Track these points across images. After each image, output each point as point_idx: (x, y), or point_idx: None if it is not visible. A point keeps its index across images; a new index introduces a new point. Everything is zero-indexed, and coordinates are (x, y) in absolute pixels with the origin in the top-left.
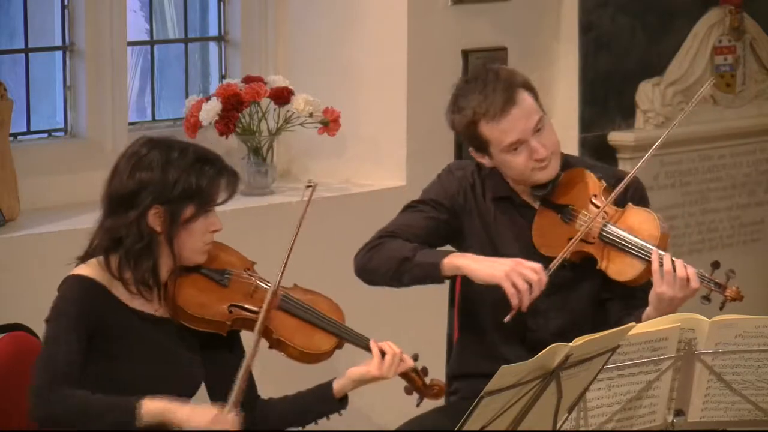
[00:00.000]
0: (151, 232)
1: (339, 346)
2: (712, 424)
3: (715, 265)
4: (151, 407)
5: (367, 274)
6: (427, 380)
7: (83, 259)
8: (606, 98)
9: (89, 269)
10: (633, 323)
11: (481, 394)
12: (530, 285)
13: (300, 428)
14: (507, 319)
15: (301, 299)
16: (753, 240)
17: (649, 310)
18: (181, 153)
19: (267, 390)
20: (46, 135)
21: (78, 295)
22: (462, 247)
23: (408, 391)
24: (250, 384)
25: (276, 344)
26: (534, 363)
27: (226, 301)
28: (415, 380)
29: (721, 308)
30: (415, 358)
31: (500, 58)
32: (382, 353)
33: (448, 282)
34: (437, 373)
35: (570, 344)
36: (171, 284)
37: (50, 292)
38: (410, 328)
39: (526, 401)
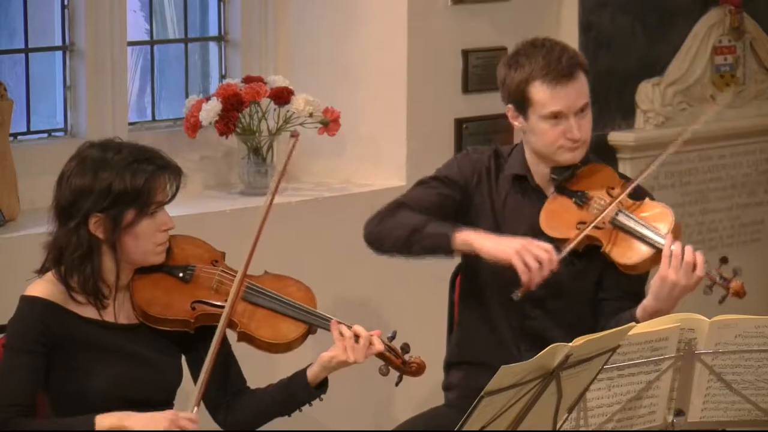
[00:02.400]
0: (92, 239)
1: (311, 332)
2: (712, 424)
3: (724, 260)
4: (105, 423)
5: (377, 241)
6: (407, 357)
7: (40, 272)
8: (606, 98)
9: (41, 287)
10: (633, 323)
11: (481, 394)
12: (540, 264)
13: (285, 416)
14: (517, 296)
15: (267, 287)
16: (753, 240)
17: (647, 300)
18: (116, 153)
19: (254, 379)
20: (46, 135)
21: (30, 317)
22: (468, 225)
23: (383, 372)
24: (237, 373)
25: (242, 337)
26: (534, 363)
27: (189, 297)
28: (390, 359)
29: (720, 302)
30: (393, 336)
31: (500, 58)
32: (355, 336)
33: (448, 280)
34: (437, 362)
35: (570, 344)
36: (132, 287)
37: None
38: (410, 322)
39: (526, 401)
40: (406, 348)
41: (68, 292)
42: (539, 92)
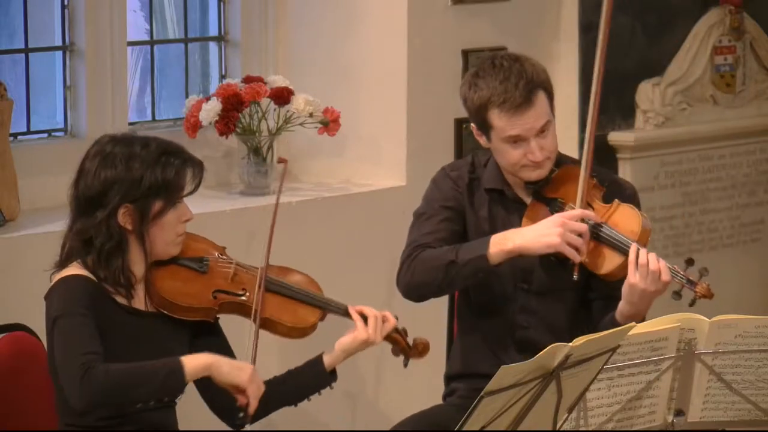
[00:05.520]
0: (121, 231)
1: (322, 317)
2: (712, 424)
3: (689, 261)
4: (194, 364)
5: (416, 290)
6: (410, 340)
7: (61, 264)
8: (606, 98)
9: (75, 270)
10: (633, 323)
11: (481, 394)
12: (581, 234)
13: (293, 406)
14: (576, 276)
15: (279, 277)
16: (753, 240)
17: (621, 304)
18: (143, 147)
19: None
20: (46, 135)
21: (76, 288)
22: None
23: (395, 353)
24: None
25: (264, 324)
26: (534, 363)
27: (210, 287)
28: (399, 341)
29: (691, 305)
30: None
31: None
32: (364, 317)
33: None
34: (438, 372)
35: (570, 344)
36: (151, 279)
37: None
38: (410, 322)
39: (526, 401)
40: (405, 332)
41: (98, 281)
42: (497, 119)
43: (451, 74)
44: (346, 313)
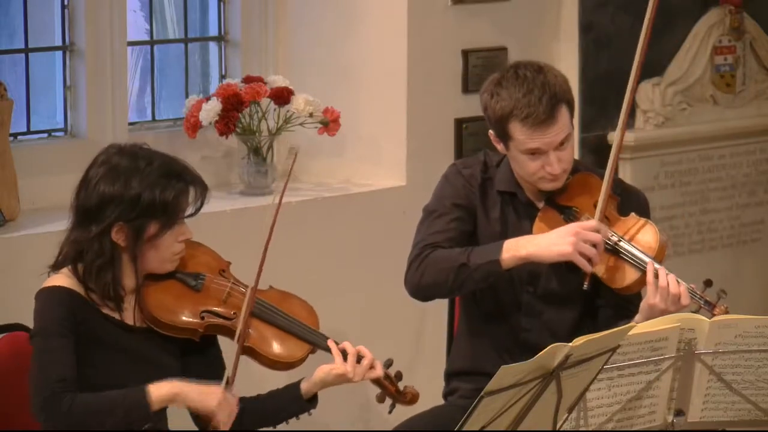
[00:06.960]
0: (114, 247)
1: (312, 352)
2: (712, 424)
3: (708, 283)
4: (160, 393)
5: (424, 291)
6: (401, 386)
7: (54, 267)
8: (606, 98)
9: (62, 280)
10: (633, 323)
11: (481, 394)
12: (595, 246)
13: (271, 428)
14: (587, 286)
15: (275, 305)
16: (753, 240)
17: (638, 318)
18: (147, 164)
19: (243, 388)
20: (46, 135)
21: (58, 304)
22: (474, 243)
23: (380, 399)
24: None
25: (247, 351)
26: (534, 363)
27: (199, 307)
28: (387, 387)
29: None
30: (389, 363)
31: (500, 58)
32: (345, 353)
33: None
34: (436, 362)
35: (570, 344)
36: (143, 291)
37: None
38: (409, 323)
39: (526, 401)
40: (399, 376)
41: (86, 291)
42: (518, 131)
43: (451, 74)
44: (326, 347)
